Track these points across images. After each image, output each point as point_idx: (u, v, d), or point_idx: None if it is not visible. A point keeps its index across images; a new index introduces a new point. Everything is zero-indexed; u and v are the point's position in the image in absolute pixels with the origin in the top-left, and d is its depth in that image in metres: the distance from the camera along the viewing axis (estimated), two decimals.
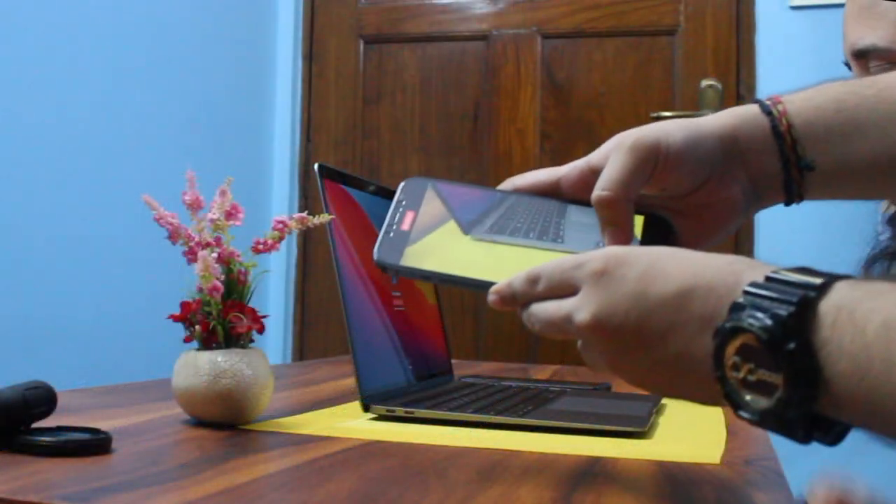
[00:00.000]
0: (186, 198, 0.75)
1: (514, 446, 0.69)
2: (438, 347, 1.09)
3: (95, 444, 0.60)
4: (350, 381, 0.91)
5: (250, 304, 0.76)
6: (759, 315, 0.41)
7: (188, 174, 0.75)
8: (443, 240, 0.61)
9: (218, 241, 0.75)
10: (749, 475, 0.63)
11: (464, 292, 2.38)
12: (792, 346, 0.40)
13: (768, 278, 0.43)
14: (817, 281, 0.42)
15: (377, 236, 0.62)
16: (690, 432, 0.82)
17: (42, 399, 0.62)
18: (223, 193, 0.76)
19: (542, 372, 1.43)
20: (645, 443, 0.74)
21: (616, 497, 0.54)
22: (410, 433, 0.74)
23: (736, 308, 0.43)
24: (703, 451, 0.69)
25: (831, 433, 0.42)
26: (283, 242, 0.78)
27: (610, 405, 0.93)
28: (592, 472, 0.62)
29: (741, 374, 0.43)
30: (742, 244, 2.20)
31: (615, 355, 0.50)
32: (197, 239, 0.75)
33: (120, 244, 1.94)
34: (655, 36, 2.36)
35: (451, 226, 0.62)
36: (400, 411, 0.81)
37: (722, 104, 2.27)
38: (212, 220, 0.75)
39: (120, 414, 0.79)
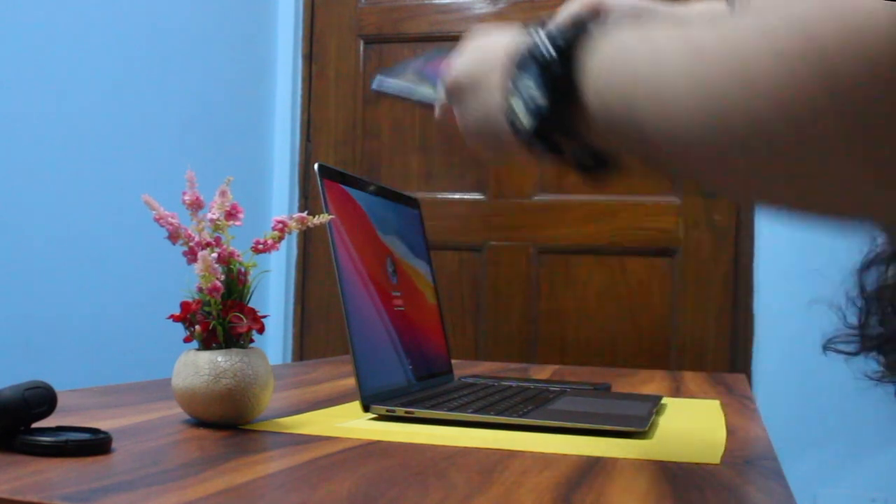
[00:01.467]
0: (186, 198, 0.75)
1: (514, 446, 0.69)
2: (438, 347, 1.09)
3: (95, 444, 0.60)
4: (350, 381, 0.91)
5: (250, 304, 0.76)
6: (543, 32, 0.50)
7: (188, 174, 0.75)
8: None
9: (218, 241, 0.75)
10: (749, 475, 0.63)
11: (464, 294, 2.39)
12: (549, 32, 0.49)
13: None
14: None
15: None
16: (690, 432, 0.82)
17: (42, 399, 0.62)
18: (223, 193, 0.76)
19: (542, 372, 1.43)
20: (645, 443, 0.74)
21: (616, 497, 0.54)
22: (410, 433, 0.74)
23: (531, 32, 0.52)
24: (703, 451, 0.69)
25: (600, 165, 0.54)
26: (283, 242, 0.78)
27: (610, 405, 0.93)
28: (592, 472, 0.62)
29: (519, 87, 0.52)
30: (742, 244, 2.20)
31: (458, 108, 0.64)
32: (197, 239, 0.75)
33: (120, 244, 1.94)
34: None
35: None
36: (400, 411, 0.81)
37: None
38: (212, 220, 0.75)
39: (120, 414, 0.79)
